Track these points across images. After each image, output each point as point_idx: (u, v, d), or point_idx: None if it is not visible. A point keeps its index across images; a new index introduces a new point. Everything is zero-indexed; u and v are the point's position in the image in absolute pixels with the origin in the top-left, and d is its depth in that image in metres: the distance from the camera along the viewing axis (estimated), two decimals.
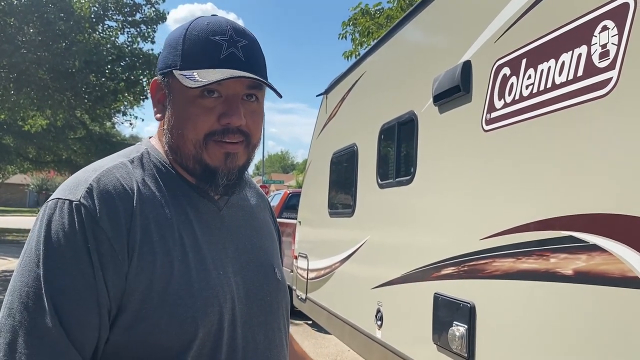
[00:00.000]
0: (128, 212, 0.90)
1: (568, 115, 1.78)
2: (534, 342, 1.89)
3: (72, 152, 21.34)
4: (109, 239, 0.87)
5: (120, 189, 0.92)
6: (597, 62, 1.67)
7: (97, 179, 0.91)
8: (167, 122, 0.99)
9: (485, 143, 2.26)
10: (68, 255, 0.85)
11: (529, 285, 1.90)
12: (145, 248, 0.89)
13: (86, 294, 0.85)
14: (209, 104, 0.95)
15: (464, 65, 2.44)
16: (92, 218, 0.87)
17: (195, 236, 0.96)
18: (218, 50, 0.95)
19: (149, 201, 0.93)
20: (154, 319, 0.88)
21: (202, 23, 0.98)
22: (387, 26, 9.81)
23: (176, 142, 0.97)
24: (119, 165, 0.96)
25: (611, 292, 1.55)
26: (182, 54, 0.96)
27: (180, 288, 0.91)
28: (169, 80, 0.98)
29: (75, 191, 0.89)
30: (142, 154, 1.01)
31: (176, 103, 0.97)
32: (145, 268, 0.89)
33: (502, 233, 2.08)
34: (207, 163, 0.97)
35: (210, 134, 0.95)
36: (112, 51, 14.45)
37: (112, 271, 0.87)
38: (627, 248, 1.51)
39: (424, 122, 2.89)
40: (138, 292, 0.88)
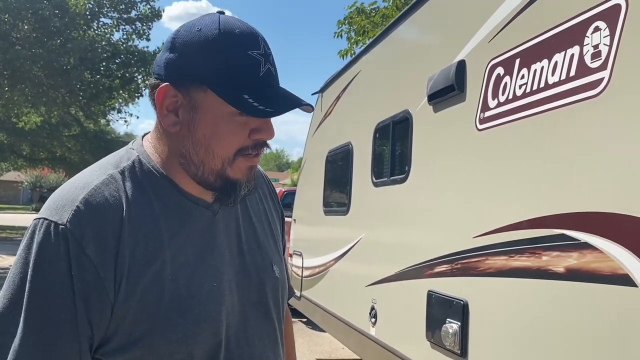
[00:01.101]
0: (116, 235, 0.86)
1: (561, 115, 1.80)
2: (526, 339, 1.92)
3: (66, 150, 21.26)
4: (94, 266, 0.84)
5: (109, 210, 0.87)
6: (590, 63, 1.69)
7: (84, 200, 0.87)
8: (189, 136, 0.92)
9: (479, 142, 2.28)
10: (49, 280, 0.83)
11: (522, 282, 1.93)
12: (133, 272, 0.86)
13: (65, 322, 0.83)
14: (242, 120, 0.91)
15: (458, 64, 2.46)
16: (78, 244, 0.83)
17: (187, 250, 0.93)
18: (257, 67, 0.90)
19: (139, 219, 0.89)
20: (147, 341, 0.87)
21: (233, 32, 0.91)
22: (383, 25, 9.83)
23: (201, 158, 0.92)
24: (107, 181, 0.91)
25: (602, 289, 1.57)
26: (218, 69, 0.89)
27: (171, 309, 0.88)
28: (194, 93, 0.90)
29: (61, 212, 0.86)
30: (134, 162, 0.95)
31: (205, 119, 0.90)
32: (134, 292, 0.86)
33: (495, 231, 2.10)
34: (228, 176, 0.93)
35: (241, 149, 0.92)
36: (107, 48, 14.42)
37: (96, 299, 0.84)
38: (618, 246, 1.53)
39: (418, 121, 2.91)
40: (129, 315, 0.86)
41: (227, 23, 0.92)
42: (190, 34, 0.91)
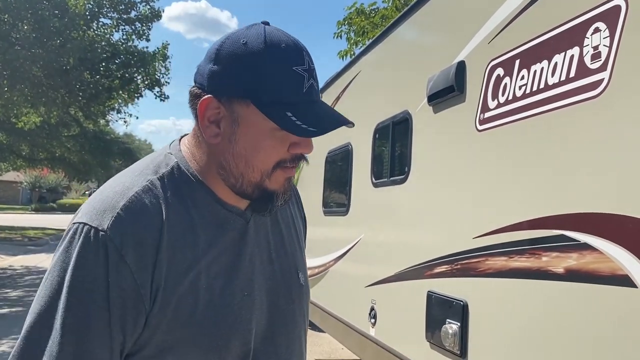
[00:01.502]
0: (155, 244, 0.87)
1: (560, 116, 1.80)
2: (525, 339, 1.92)
3: (65, 150, 21.25)
4: (132, 274, 0.85)
5: (148, 218, 0.88)
6: (589, 64, 1.69)
7: (125, 207, 0.87)
8: (230, 148, 0.93)
9: (479, 142, 2.28)
10: (86, 285, 0.84)
11: (522, 283, 1.93)
12: (170, 281, 0.88)
13: (98, 329, 0.84)
14: (282, 135, 0.91)
15: (458, 65, 2.46)
16: (117, 251, 0.84)
17: (222, 259, 0.95)
18: (301, 83, 0.90)
19: (177, 227, 0.90)
20: (179, 350, 0.88)
21: (279, 47, 0.90)
22: (382, 26, 9.84)
23: (240, 170, 0.94)
24: (147, 188, 0.91)
25: (602, 290, 1.58)
26: (262, 85, 0.89)
27: (204, 318, 0.90)
28: (237, 106, 0.91)
29: (102, 218, 0.86)
30: (173, 168, 0.95)
31: (247, 133, 0.91)
32: (170, 301, 0.87)
33: (495, 232, 2.10)
34: (266, 188, 0.95)
35: (279, 162, 0.93)
36: (107, 49, 14.39)
37: (132, 307, 0.85)
38: (618, 247, 1.53)
39: (418, 122, 2.91)
40: (163, 324, 0.87)
41: (273, 37, 0.91)
42: (235, 47, 0.91)
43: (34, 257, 13.94)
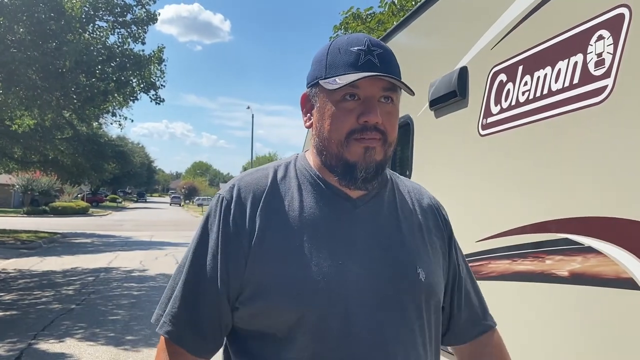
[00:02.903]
0: (255, 203, 1.10)
1: (564, 121, 1.83)
2: (528, 342, 1.94)
3: (58, 153, 21.14)
4: (235, 221, 1.09)
5: (254, 185, 1.14)
6: (593, 70, 1.72)
7: (240, 178, 1.16)
8: (315, 128, 1.15)
9: (481, 147, 2.31)
10: (206, 237, 1.12)
11: (525, 286, 1.95)
12: (265, 233, 1.07)
13: (207, 265, 1.09)
14: (349, 106, 1.08)
15: (460, 71, 2.49)
16: (227, 206, 1.11)
17: (318, 229, 1.09)
18: (356, 58, 1.09)
19: (278, 196, 1.12)
20: (269, 296, 1.04)
21: (342, 38, 1.14)
22: (378, 30, 9.88)
23: (322, 144, 1.13)
24: (261, 169, 1.19)
25: (606, 293, 1.60)
26: (325, 65, 1.11)
27: (292, 272, 1.04)
28: (316, 91, 1.14)
29: (225, 187, 1.16)
30: (291, 160, 1.21)
31: (321, 109, 1.12)
32: (264, 250, 1.06)
33: (497, 235, 2.13)
34: (347, 159, 1.09)
35: (350, 132, 1.08)
36: (103, 52, 14.35)
37: (234, 249, 1.08)
38: (622, 250, 1.56)
39: (419, 126, 2.94)
40: (257, 270, 1.06)
41: (344, 35, 1.19)
42: (319, 50, 1.17)
43: (27, 260, 13.85)
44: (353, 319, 1.04)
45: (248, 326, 1.09)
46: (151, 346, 6.33)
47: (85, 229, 25.57)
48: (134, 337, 6.84)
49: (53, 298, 9.23)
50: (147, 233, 23.92)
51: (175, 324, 1.10)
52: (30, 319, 7.65)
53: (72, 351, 6.22)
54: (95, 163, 22.35)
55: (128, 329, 7.23)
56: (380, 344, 1.05)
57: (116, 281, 11.14)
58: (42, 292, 9.79)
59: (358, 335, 1.04)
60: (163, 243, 19.38)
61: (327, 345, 1.02)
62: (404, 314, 1.09)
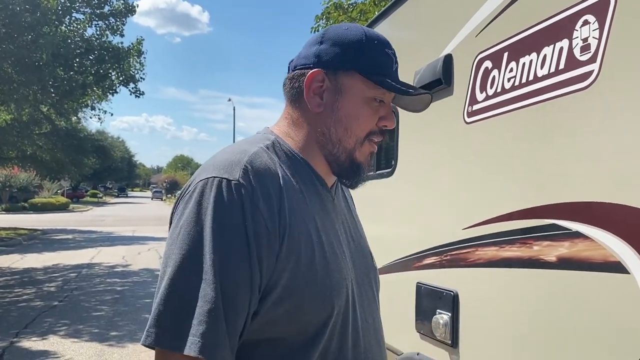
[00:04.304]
0: (277, 195, 0.97)
1: (550, 107, 1.83)
2: (517, 328, 1.95)
3: (37, 148, 20.78)
4: (264, 220, 0.93)
5: (270, 172, 0.99)
6: (579, 56, 1.72)
7: (249, 161, 0.97)
8: (331, 116, 1.07)
9: (467, 134, 2.31)
10: (228, 234, 0.91)
11: (512, 272, 1.96)
12: (293, 229, 0.97)
13: (240, 271, 0.91)
14: (376, 107, 1.08)
15: (445, 58, 2.48)
16: (251, 199, 0.93)
17: (323, 221, 1.05)
18: (391, 62, 1.09)
19: (290, 186, 1.01)
20: (299, 296, 0.96)
21: (374, 33, 1.11)
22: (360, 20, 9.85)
23: (339, 136, 1.07)
24: (262, 150, 1.03)
25: (594, 277, 1.61)
26: (368, 59, 1.06)
27: (321, 268, 0.99)
28: (343, 78, 1.06)
29: (231, 171, 0.95)
30: (274, 142, 1.07)
31: (350, 101, 1.06)
32: (294, 248, 0.96)
33: (485, 222, 2.13)
34: (355, 158, 1.08)
35: (370, 133, 1.08)
36: (81, 44, 14.08)
37: (266, 250, 0.93)
38: (609, 234, 1.57)
39: (405, 115, 2.93)
40: (287, 270, 0.95)
41: (367, 28, 1.11)
42: (340, 30, 1.09)
43: (6, 258, 13.63)
44: (358, 311, 1.07)
45: (259, 335, 0.95)
46: (136, 341, 6.27)
47: (66, 225, 25.23)
48: (118, 333, 6.78)
49: (35, 295, 9.10)
50: (129, 228, 23.69)
51: (216, 342, 0.87)
52: (11, 317, 7.53)
53: (56, 348, 6.14)
54: (74, 158, 22.04)
55: (112, 325, 7.16)
56: (375, 332, 1.11)
57: (99, 277, 11.01)
58: (23, 289, 9.64)
59: (364, 326, 1.08)
60: (146, 238, 19.21)
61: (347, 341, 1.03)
62: (376, 302, 1.18)
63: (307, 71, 1.07)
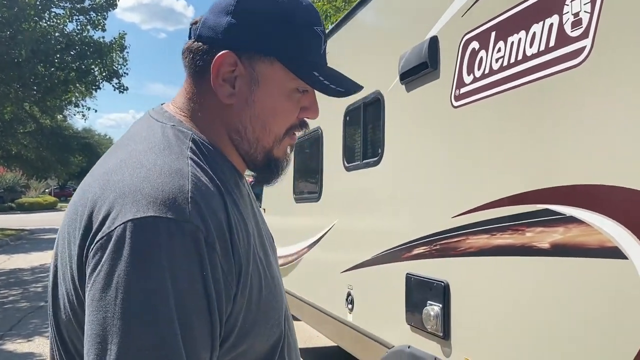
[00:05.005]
0: (227, 222, 0.77)
1: (540, 87, 1.75)
2: (510, 317, 1.88)
3: (22, 147, 20.46)
4: (221, 263, 0.74)
5: (215, 195, 0.78)
6: (570, 32, 1.64)
7: (194, 190, 0.74)
8: (246, 110, 0.86)
9: (455, 119, 2.22)
10: (186, 295, 0.70)
11: (504, 260, 1.89)
12: (244, 261, 0.79)
13: (204, 338, 0.72)
14: (297, 98, 0.89)
15: (430, 41, 2.40)
16: (207, 242, 0.72)
17: (255, 229, 0.88)
18: (319, 44, 0.89)
19: (230, 200, 0.81)
20: (255, 331, 0.82)
21: (301, 4, 0.87)
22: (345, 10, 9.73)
23: (257, 135, 0.88)
24: (195, 166, 0.79)
25: (590, 263, 1.54)
26: (289, 43, 0.85)
27: (269, 292, 0.85)
28: (259, 64, 0.85)
29: (176, 207, 0.71)
30: (193, 141, 0.84)
31: (268, 94, 0.86)
32: (247, 282, 0.79)
33: (475, 210, 2.05)
34: (273, 155, 0.91)
35: (291, 127, 0.90)
36: (61, 40, 13.80)
37: (225, 298, 0.75)
38: (605, 218, 1.49)
39: (390, 101, 2.84)
40: (242, 309, 0.79)
41: None
42: (260, 1, 0.86)
43: None
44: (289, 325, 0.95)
45: None
46: None
47: (54, 224, 24.94)
48: None
49: (21, 296, 8.95)
50: None
51: None
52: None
53: (42, 350, 6.02)
54: (61, 156, 21.73)
55: None
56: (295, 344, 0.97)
57: None
58: (9, 290, 9.48)
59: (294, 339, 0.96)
60: None
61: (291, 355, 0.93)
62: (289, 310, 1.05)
63: (215, 50, 0.84)
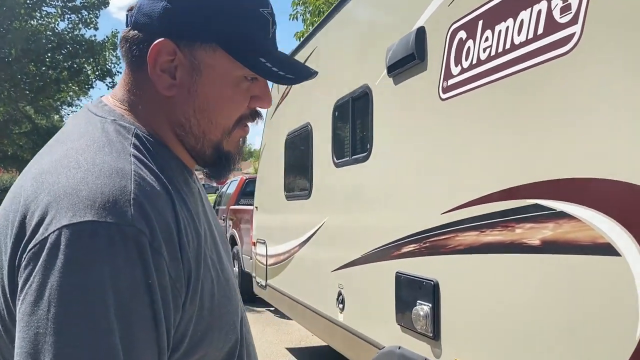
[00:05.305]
0: (176, 228, 0.71)
1: (529, 76, 1.67)
2: (502, 317, 1.81)
3: (17, 148, 20.36)
4: (168, 269, 0.69)
5: (163, 200, 0.72)
6: (559, 18, 1.56)
7: (138, 191, 0.68)
8: (189, 102, 0.80)
9: (443, 112, 2.15)
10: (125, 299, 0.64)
11: (495, 258, 1.81)
12: (195, 267, 0.73)
13: (147, 342, 0.66)
14: (246, 87, 0.82)
15: (417, 31, 2.32)
16: (152, 247, 0.67)
17: (207, 229, 0.82)
18: (267, 28, 0.82)
19: (178, 199, 0.75)
20: (208, 338, 0.77)
21: None
22: None
23: (202, 128, 0.81)
24: (139, 164, 0.73)
25: (582, 260, 1.46)
26: (232, 27, 0.78)
27: (223, 296, 0.79)
28: (200, 52, 0.79)
29: (117, 210, 0.65)
30: (136, 136, 0.78)
31: (212, 84, 0.80)
32: (197, 288, 0.74)
33: (464, 205, 1.97)
34: (223, 149, 0.84)
35: (240, 118, 0.84)
36: (52, 38, 13.67)
37: (173, 305, 0.70)
38: (597, 213, 1.42)
39: (378, 95, 2.76)
40: (193, 318, 0.74)
41: None
42: None
43: None
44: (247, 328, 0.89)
45: None
46: None
47: None
48: None
49: None
50: None
51: None
52: None
53: None
54: None
55: None
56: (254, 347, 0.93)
57: None
58: None
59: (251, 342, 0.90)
60: None
61: None
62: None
63: (151, 38, 0.77)
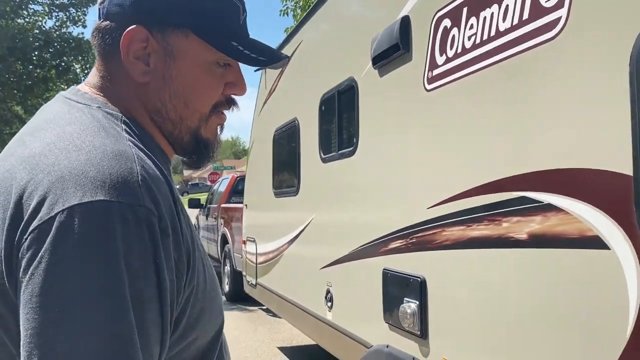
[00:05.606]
0: (176, 209, 0.72)
1: (515, 64, 1.61)
2: (490, 313, 1.75)
3: None
4: (173, 250, 0.70)
5: (163, 182, 0.73)
6: (544, 2, 1.50)
7: (144, 173, 0.69)
8: (164, 88, 0.81)
9: (428, 103, 2.08)
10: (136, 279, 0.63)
11: (482, 253, 1.75)
12: (191, 247, 0.75)
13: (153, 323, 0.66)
14: (220, 73, 0.84)
15: (402, 21, 2.25)
16: (162, 229, 0.68)
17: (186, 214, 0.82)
18: (238, 14, 0.84)
19: (171, 184, 0.76)
20: (203, 320, 0.79)
21: None
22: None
23: (179, 114, 0.82)
24: (137, 149, 0.73)
25: (570, 254, 1.41)
26: (204, 12, 0.80)
27: (212, 280, 0.81)
28: (172, 37, 0.80)
29: (128, 190, 0.66)
30: (127, 124, 0.78)
31: (186, 68, 0.81)
32: (195, 270, 0.75)
33: (450, 199, 1.91)
34: (201, 136, 0.85)
35: (216, 105, 0.85)
36: (39, 37, 13.50)
37: (177, 287, 0.70)
38: (585, 205, 1.36)
39: (364, 88, 2.70)
40: (191, 297, 0.75)
41: None
42: None
43: None
44: None
45: None
46: None
47: None
48: None
49: None
50: None
51: None
52: None
53: None
54: None
55: None
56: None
57: None
58: None
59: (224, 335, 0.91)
60: None
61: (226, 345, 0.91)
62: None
63: (124, 26, 0.78)
